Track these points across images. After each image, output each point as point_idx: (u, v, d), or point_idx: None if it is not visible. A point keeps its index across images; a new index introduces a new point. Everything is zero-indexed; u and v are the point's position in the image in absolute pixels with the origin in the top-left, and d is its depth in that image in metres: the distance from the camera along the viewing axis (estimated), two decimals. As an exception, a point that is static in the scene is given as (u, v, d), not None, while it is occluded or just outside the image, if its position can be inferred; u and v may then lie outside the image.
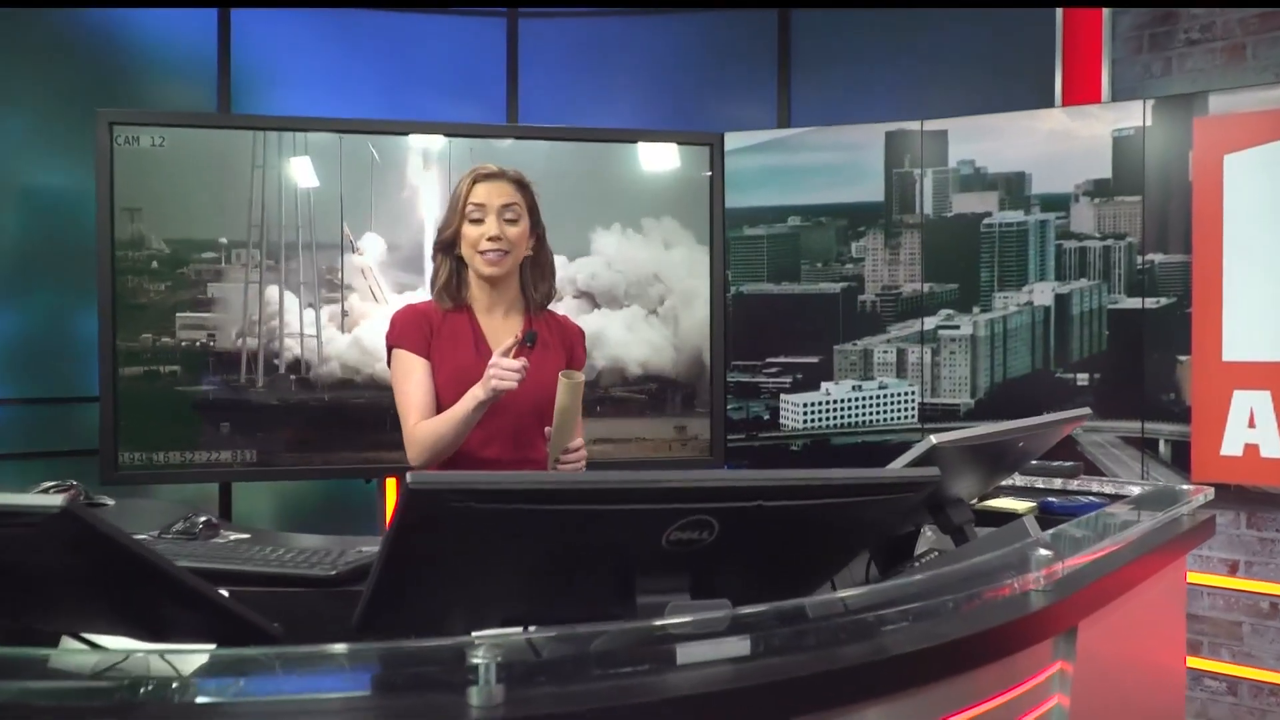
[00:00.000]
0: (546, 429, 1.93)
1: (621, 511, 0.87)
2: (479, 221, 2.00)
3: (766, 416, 3.67)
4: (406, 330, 2.02)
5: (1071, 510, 1.75)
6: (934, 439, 1.16)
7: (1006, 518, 1.71)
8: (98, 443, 3.24)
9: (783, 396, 3.66)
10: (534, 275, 2.10)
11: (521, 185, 2.06)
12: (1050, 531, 1.27)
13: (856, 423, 3.61)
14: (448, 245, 2.05)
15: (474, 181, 2.03)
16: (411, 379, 1.99)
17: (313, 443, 3.35)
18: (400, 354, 2.01)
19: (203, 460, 3.30)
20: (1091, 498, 1.81)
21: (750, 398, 3.68)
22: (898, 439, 3.57)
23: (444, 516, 0.83)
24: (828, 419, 3.63)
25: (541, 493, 0.84)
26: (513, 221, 2.01)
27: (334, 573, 1.35)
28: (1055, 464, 2.06)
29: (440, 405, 1.97)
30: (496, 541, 0.88)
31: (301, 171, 3.36)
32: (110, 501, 1.99)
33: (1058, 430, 1.45)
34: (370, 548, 1.52)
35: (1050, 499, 1.81)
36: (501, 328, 2.06)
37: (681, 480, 0.88)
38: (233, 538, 1.66)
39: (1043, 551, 1.15)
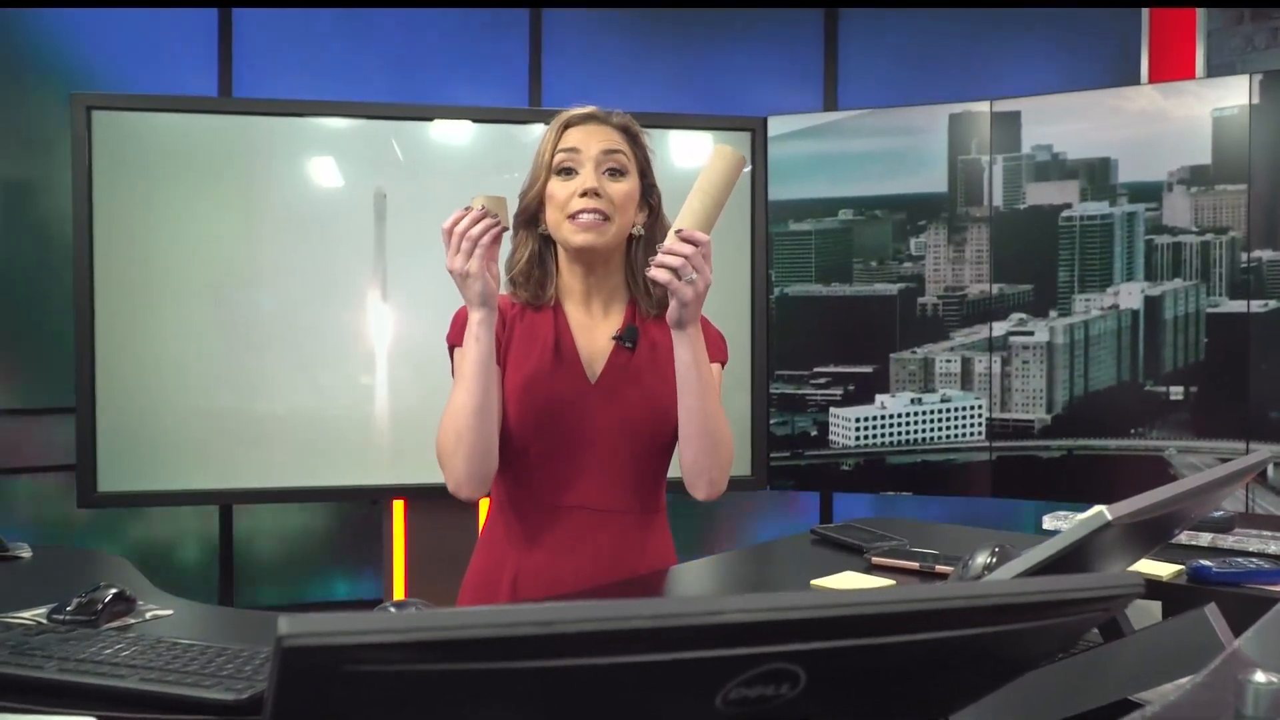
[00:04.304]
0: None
1: (645, 666, 0.51)
2: (570, 173, 1.54)
3: (814, 432, 3.29)
4: None
5: (1232, 579, 1.35)
6: (1106, 512, 0.79)
7: (1149, 588, 1.33)
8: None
9: (832, 410, 3.28)
10: (645, 261, 1.59)
11: (630, 134, 1.60)
12: (1250, 635, 0.88)
13: (915, 440, 3.22)
14: (529, 216, 1.58)
15: (565, 125, 1.57)
16: None
17: (314, 460, 3.02)
18: (460, 353, 1.57)
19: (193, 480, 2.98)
20: (1256, 560, 1.41)
21: (796, 411, 3.30)
22: (962, 459, 3.18)
23: (341, 685, 0.48)
24: (883, 435, 3.24)
25: (497, 643, 0.48)
26: (617, 175, 1.55)
27: (244, 697, 0.98)
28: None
29: (506, 422, 1.53)
30: (436, 713, 0.52)
31: (307, 163, 3.03)
32: (26, 554, 1.66)
33: (1236, 484, 1.08)
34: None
35: (1201, 562, 1.38)
36: (597, 324, 1.60)
37: (746, 612, 0.52)
38: (150, 615, 1.30)
39: (1261, 679, 0.76)
